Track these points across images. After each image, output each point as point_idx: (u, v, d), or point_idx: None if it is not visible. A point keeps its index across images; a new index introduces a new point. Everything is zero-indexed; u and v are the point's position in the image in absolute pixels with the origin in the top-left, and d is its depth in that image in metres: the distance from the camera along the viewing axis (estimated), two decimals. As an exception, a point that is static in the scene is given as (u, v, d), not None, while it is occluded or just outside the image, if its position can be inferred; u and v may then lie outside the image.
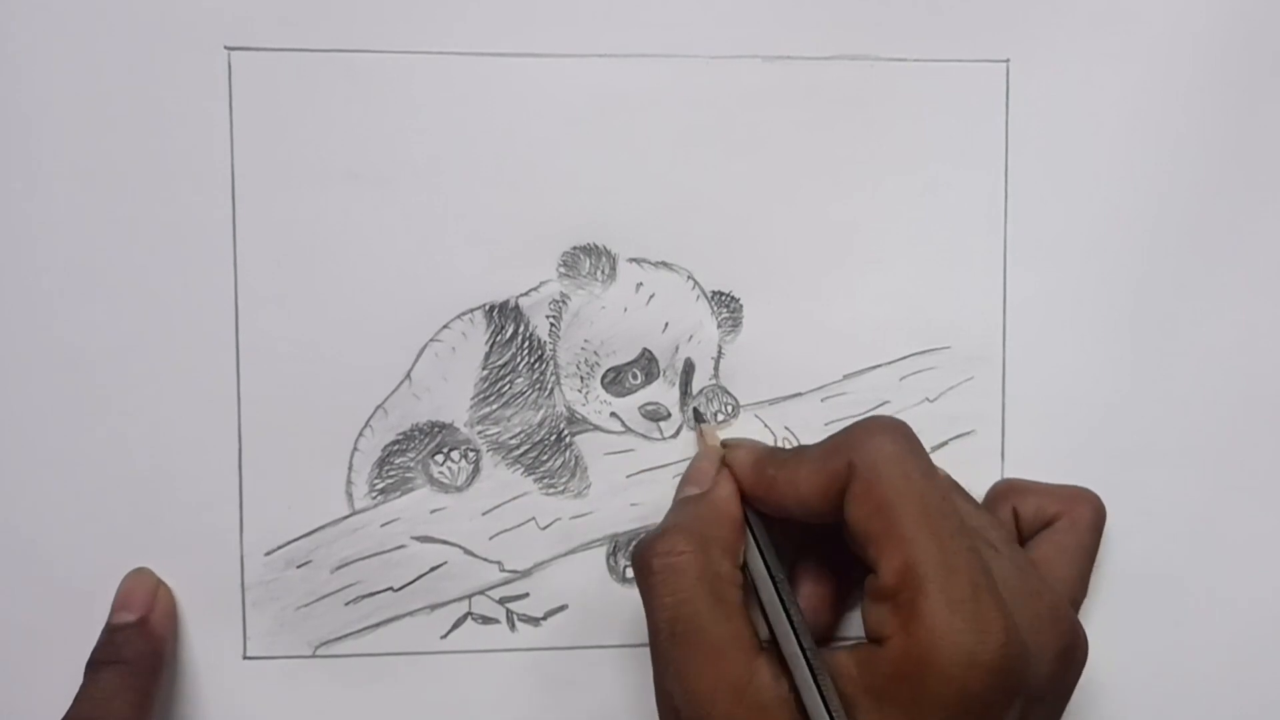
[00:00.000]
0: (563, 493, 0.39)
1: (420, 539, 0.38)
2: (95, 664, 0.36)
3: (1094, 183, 0.39)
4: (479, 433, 0.38)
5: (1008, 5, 0.39)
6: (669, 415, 0.39)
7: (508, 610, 0.39)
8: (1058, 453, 0.39)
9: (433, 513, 0.38)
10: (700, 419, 0.38)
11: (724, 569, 0.34)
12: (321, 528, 0.38)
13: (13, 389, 0.37)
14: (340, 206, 0.38)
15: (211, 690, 0.38)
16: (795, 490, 0.34)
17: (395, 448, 0.38)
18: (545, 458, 0.39)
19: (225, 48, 0.37)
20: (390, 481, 0.38)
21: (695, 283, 0.39)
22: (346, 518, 0.38)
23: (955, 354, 0.39)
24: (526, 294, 0.38)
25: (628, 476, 0.39)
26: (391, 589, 0.38)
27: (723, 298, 0.39)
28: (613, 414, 0.39)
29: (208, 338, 0.37)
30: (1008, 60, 0.39)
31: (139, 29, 0.37)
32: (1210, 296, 0.40)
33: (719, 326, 0.39)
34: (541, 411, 0.39)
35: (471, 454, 0.38)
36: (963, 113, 0.39)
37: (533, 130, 0.38)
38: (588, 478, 0.39)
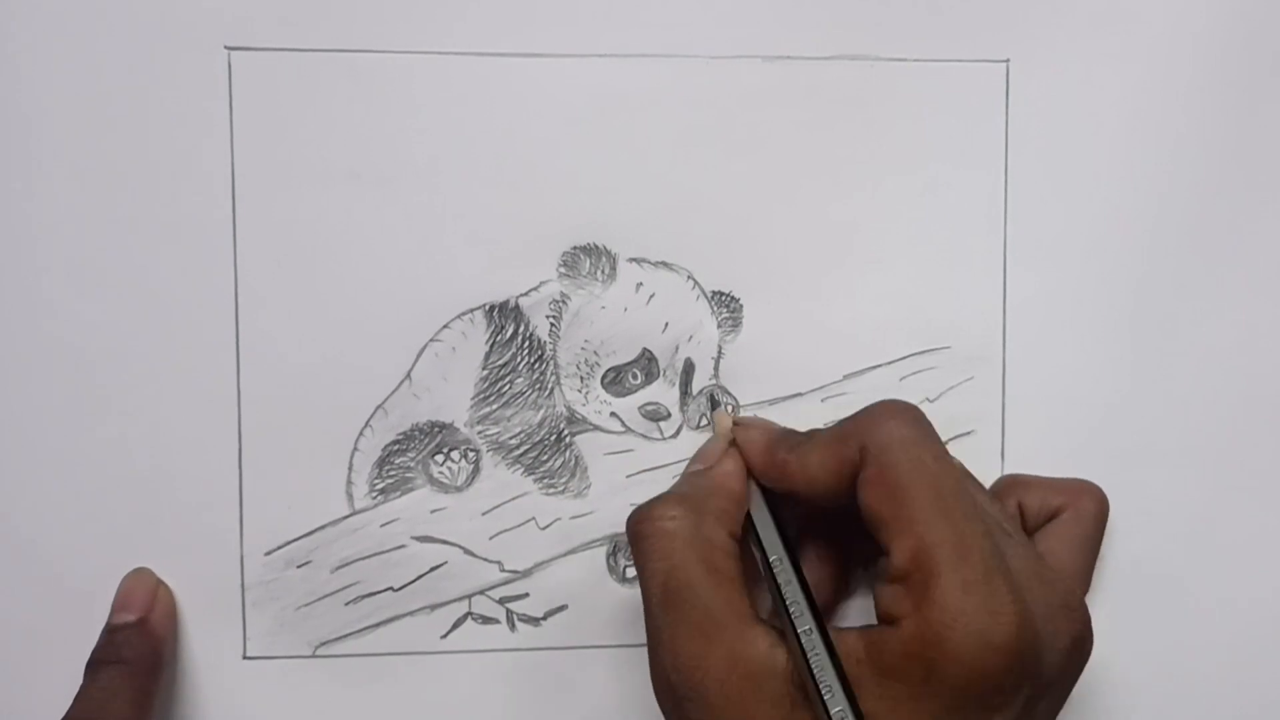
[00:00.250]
0: (563, 493, 0.39)
1: (420, 539, 0.38)
2: (95, 664, 0.36)
3: (1094, 183, 0.39)
4: (479, 433, 0.38)
5: (1008, 5, 0.39)
6: (669, 415, 0.39)
7: (508, 610, 0.39)
8: (1058, 453, 0.39)
9: (433, 513, 0.38)
10: (715, 404, 0.38)
11: (717, 537, 0.34)
12: (321, 528, 0.38)
13: (13, 389, 0.37)
14: (340, 206, 0.38)
15: (211, 690, 0.38)
16: (806, 473, 0.34)
17: (395, 448, 0.38)
18: (545, 458, 0.39)
19: (225, 48, 0.37)
20: (390, 481, 0.38)
21: (695, 283, 0.39)
22: (346, 518, 0.38)
23: (955, 354, 0.39)
24: (526, 294, 0.38)
25: (628, 476, 0.39)
26: (391, 589, 0.38)
27: (723, 298, 0.39)
28: (613, 414, 0.39)
29: (208, 338, 0.37)
30: (1008, 60, 0.39)
31: (139, 29, 0.37)
32: (1210, 296, 0.40)
33: (719, 326, 0.39)
34: (541, 411, 0.39)
35: (471, 454, 0.38)
36: (963, 113, 0.39)
37: (533, 130, 0.38)
38: (588, 478, 0.39)
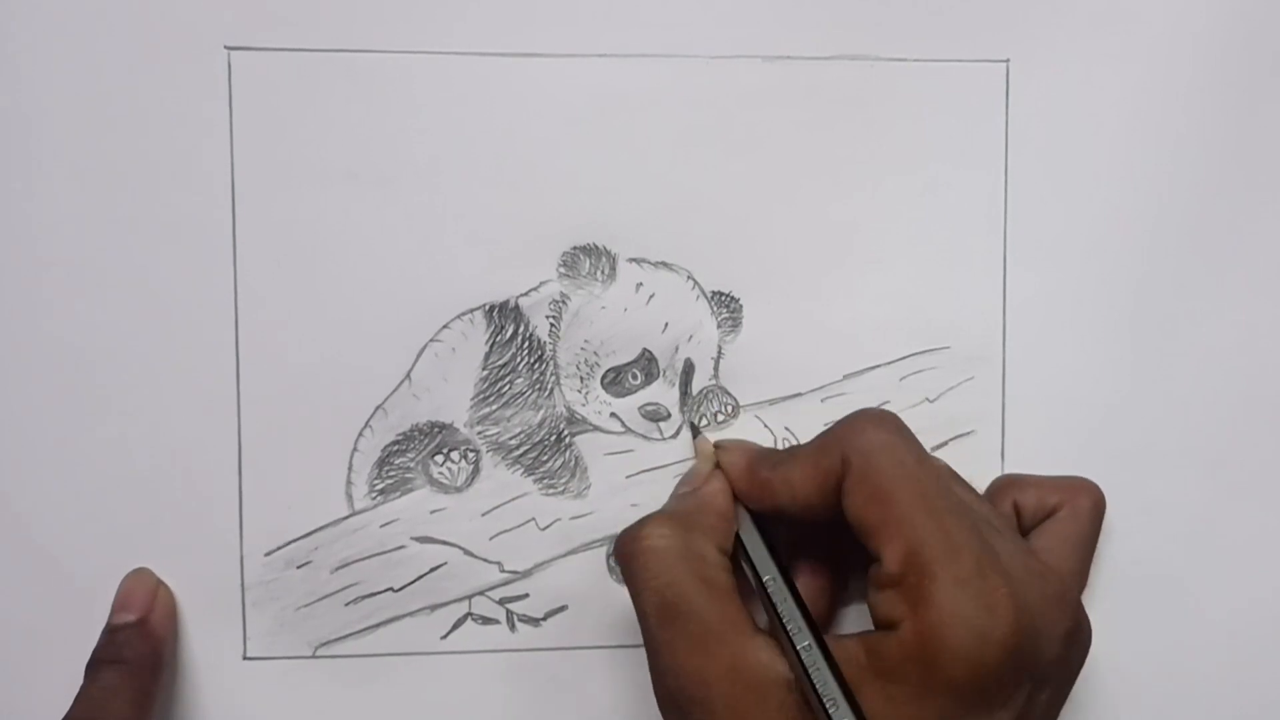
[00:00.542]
0: (563, 493, 0.39)
1: (420, 539, 0.38)
2: (95, 664, 0.36)
3: (1094, 183, 0.39)
4: (479, 433, 0.38)
5: (1008, 5, 0.39)
6: (669, 415, 0.39)
7: (508, 611, 0.39)
8: (1058, 453, 0.39)
9: (433, 513, 0.38)
10: (695, 431, 0.38)
11: (708, 552, 0.34)
12: (321, 528, 0.38)
13: (13, 389, 0.37)
14: (340, 206, 0.38)
15: (211, 690, 0.38)
16: (790, 490, 0.34)
17: (395, 448, 0.38)
18: (545, 458, 0.39)
19: (225, 48, 0.37)
20: (390, 482, 0.38)
21: (695, 283, 0.39)
22: (346, 518, 0.38)
23: (955, 354, 0.39)
24: (526, 294, 0.38)
25: (627, 477, 0.39)
26: (391, 589, 0.38)
27: (723, 298, 0.39)
28: (613, 414, 0.39)
29: (208, 338, 0.37)
30: (1008, 60, 0.39)
31: (139, 29, 0.37)
32: (1210, 296, 0.40)
33: (719, 326, 0.39)
34: (541, 412, 0.39)
35: (471, 454, 0.38)
36: (963, 113, 0.39)
37: (533, 130, 0.38)
38: (588, 478, 0.39)
